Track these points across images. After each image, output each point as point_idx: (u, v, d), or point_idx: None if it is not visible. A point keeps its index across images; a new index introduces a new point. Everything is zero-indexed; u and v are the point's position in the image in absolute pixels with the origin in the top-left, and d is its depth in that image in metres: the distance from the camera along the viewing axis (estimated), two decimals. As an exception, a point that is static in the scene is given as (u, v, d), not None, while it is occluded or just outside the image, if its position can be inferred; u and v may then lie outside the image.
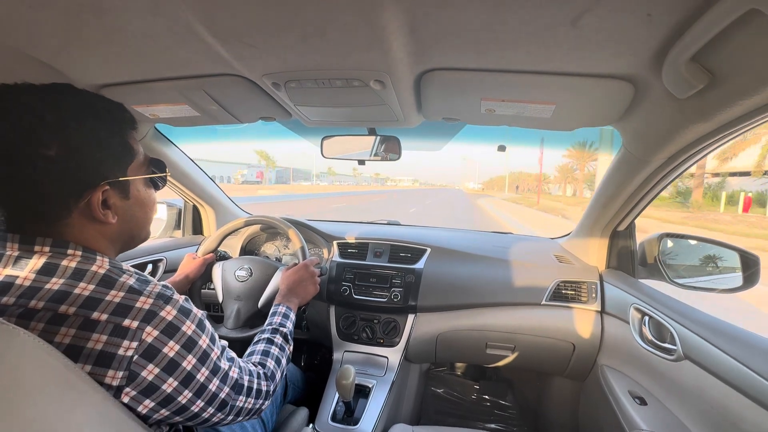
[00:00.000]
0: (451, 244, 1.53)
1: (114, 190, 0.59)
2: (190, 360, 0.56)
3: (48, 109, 0.52)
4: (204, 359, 0.59)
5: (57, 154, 0.52)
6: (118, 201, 0.60)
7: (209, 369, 0.60)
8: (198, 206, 1.78)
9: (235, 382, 0.65)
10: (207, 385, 0.59)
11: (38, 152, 0.51)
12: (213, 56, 0.76)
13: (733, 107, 0.64)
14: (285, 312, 0.96)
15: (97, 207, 0.56)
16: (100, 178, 0.57)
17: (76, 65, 0.83)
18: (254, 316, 1.23)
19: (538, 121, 0.97)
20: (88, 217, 0.57)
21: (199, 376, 0.58)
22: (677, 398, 0.92)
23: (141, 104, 1.03)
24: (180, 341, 0.55)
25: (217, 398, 0.61)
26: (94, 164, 0.56)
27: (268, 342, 0.85)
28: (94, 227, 0.58)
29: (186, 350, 0.56)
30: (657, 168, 0.97)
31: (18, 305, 0.49)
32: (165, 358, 0.53)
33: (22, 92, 0.53)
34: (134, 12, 0.61)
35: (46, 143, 0.51)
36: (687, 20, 0.55)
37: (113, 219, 0.59)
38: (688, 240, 1.19)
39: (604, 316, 1.28)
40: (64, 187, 0.54)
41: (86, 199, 0.56)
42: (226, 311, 1.23)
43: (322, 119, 1.12)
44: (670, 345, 0.95)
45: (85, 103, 0.57)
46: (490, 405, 1.79)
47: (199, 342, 0.59)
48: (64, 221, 0.55)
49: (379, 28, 0.62)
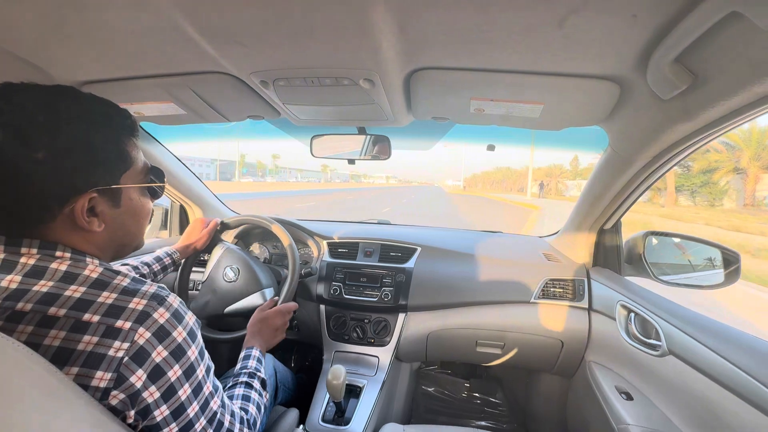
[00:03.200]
0: (441, 243, 1.53)
1: (103, 198, 0.57)
2: (175, 370, 0.54)
3: (40, 110, 0.50)
4: (189, 374, 0.56)
5: (45, 156, 0.50)
6: (107, 209, 0.58)
7: (192, 387, 0.57)
8: (185, 206, 1.76)
9: (214, 415, 0.61)
10: (186, 407, 0.56)
11: (25, 153, 0.49)
12: (200, 54, 0.74)
13: (715, 107, 0.66)
14: (259, 357, 0.92)
15: (81, 214, 0.54)
16: (88, 184, 0.54)
17: (57, 62, 0.81)
18: (216, 317, 1.26)
19: (526, 121, 0.97)
20: (73, 223, 0.55)
21: (180, 393, 0.55)
22: (662, 393, 0.94)
23: (125, 102, 1.01)
24: (169, 347, 0.53)
25: (192, 429, 0.57)
26: (84, 170, 0.54)
27: (247, 386, 0.81)
28: (79, 233, 0.56)
29: (174, 358, 0.54)
30: (642, 167, 0.99)
31: (5, 308, 0.48)
32: (152, 363, 0.51)
33: (18, 92, 0.51)
34: (117, 8, 0.60)
35: (34, 145, 0.49)
36: (671, 22, 0.56)
37: (99, 227, 0.57)
38: (672, 237, 1.21)
39: (592, 314, 1.30)
40: (48, 191, 0.52)
41: (71, 205, 0.53)
42: (198, 296, 1.26)
43: (311, 118, 1.11)
44: (656, 341, 0.97)
45: (82, 108, 0.54)
46: (480, 403, 1.80)
47: (188, 352, 0.56)
48: (49, 224, 0.53)
49: (368, 27, 0.62)
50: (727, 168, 22.15)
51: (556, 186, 53.67)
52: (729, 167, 22.09)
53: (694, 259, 1.15)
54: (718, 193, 23.23)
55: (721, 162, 22.27)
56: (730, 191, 22.99)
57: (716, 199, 23.37)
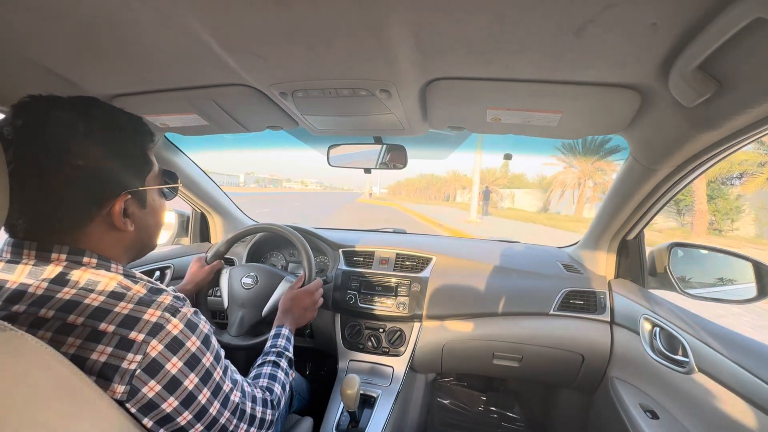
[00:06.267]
0: (457, 252, 1.52)
1: (133, 200, 0.61)
2: (192, 379, 0.55)
3: (79, 119, 0.55)
4: (206, 379, 0.57)
5: (84, 163, 0.54)
6: (136, 210, 0.62)
7: (211, 390, 0.58)
8: (206, 214, 1.80)
9: (236, 407, 0.63)
10: (208, 408, 0.58)
11: (67, 161, 0.53)
12: (222, 67, 0.77)
13: (741, 116, 0.64)
14: (288, 336, 0.96)
15: (119, 215, 0.58)
16: (122, 187, 0.59)
17: (89, 76, 0.85)
18: (258, 324, 1.23)
19: (544, 130, 0.96)
20: (108, 225, 0.58)
21: (200, 398, 0.56)
22: (690, 412, 0.89)
23: (151, 114, 1.05)
24: (183, 358, 0.54)
25: (216, 423, 0.60)
26: (118, 174, 0.58)
27: (275, 365, 0.84)
28: (112, 235, 0.60)
29: (189, 368, 0.55)
30: (665, 177, 0.96)
31: (29, 314, 0.50)
32: (167, 375, 0.52)
33: (51, 103, 0.55)
34: (146, 24, 0.63)
35: (75, 152, 0.53)
36: (693, 29, 0.55)
37: (131, 227, 0.61)
38: (699, 249, 1.17)
39: (614, 327, 1.26)
40: (88, 195, 0.56)
41: (108, 207, 0.57)
42: (230, 318, 1.23)
43: (328, 128, 1.13)
44: (682, 357, 0.93)
45: (110, 116, 0.59)
46: (497, 417, 1.75)
47: (203, 360, 0.57)
48: (84, 229, 0.56)
49: (385, 39, 0.63)
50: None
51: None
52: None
53: (723, 272, 1.11)
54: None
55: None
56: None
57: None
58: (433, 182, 66.82)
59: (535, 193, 32.01)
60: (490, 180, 37.11)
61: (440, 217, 20.07)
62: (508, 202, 33.70)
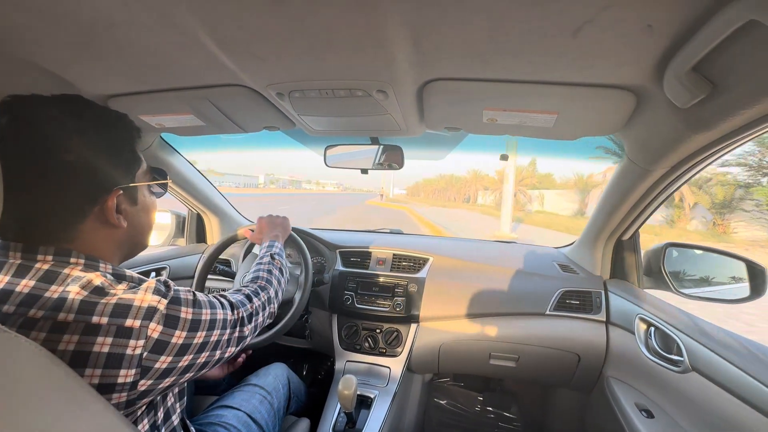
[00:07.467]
0: (453, 253, 1.52)
1: (125, 196, 0.62)
2: (200, 335, 0.60)
3: (68, 116, 0.55)
4: (212, 326, 0.63)
5: (76, 159, 0.54)
6: (128, 207, 0.63)
7: (219, 327, 0.64)
8: (201, 214, 1.79)
9: (239, 318, 0.71)
10: (220, 339, 0.65)
11: (59, 158, 0.53)
12: (219, 67, 0.77)
13: (735, 117, 0.64)
14: (281, 247, 1.11)
15: (112, 211, 0.59)
16: (114, 183, 0.59)
17: (86, 76, 0.85)
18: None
19: (540, 131, 0.97)
20: (101, 222, 0.59)
21: (212, 338, 0.62)
22: (685, 411, 0.90)
23: (147, 114, 1.04)
24: (185, 328, 0.57)
25: (230, 341, 0.68)
26: (109, 170, 0.59)
27: (268, 270, 0.95)
28: (105, 233, 0.60)
29: (193, 331, 0.58)
30: (660, 177, 0.97)
31: (18, 314, 0.49)
32: (176, 346, 0.56)
33: (40, 102, 0.55)
34: (143, 24, 0.63)
35: (67, 149, 0.53)
36: (687, 31, 0.55)
37: (124, 224, 0.62)
38: (693, 250, 1.18)
39: (610, 327, 1.26)
40: (81, 191, 0.56)
41: (101, 204, 0.58)
42: None
43: (325, 129, 1.13)
44: (677, 356, 0.94)
45: (97, 112, 0.59)
46: (494, 417, 1.76)
47: (202, 317, 0.61)
48: (77, 227, 0.56)
49: (383, 40, 0.63)
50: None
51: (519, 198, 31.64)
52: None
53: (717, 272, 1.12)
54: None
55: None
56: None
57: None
58: (453, 183, 63.92)
59: (568, 195, 29.04)
60: (516, 180, 31.57)
61: (460, 226, 17.13)
62: (537, 204, 30.86)
